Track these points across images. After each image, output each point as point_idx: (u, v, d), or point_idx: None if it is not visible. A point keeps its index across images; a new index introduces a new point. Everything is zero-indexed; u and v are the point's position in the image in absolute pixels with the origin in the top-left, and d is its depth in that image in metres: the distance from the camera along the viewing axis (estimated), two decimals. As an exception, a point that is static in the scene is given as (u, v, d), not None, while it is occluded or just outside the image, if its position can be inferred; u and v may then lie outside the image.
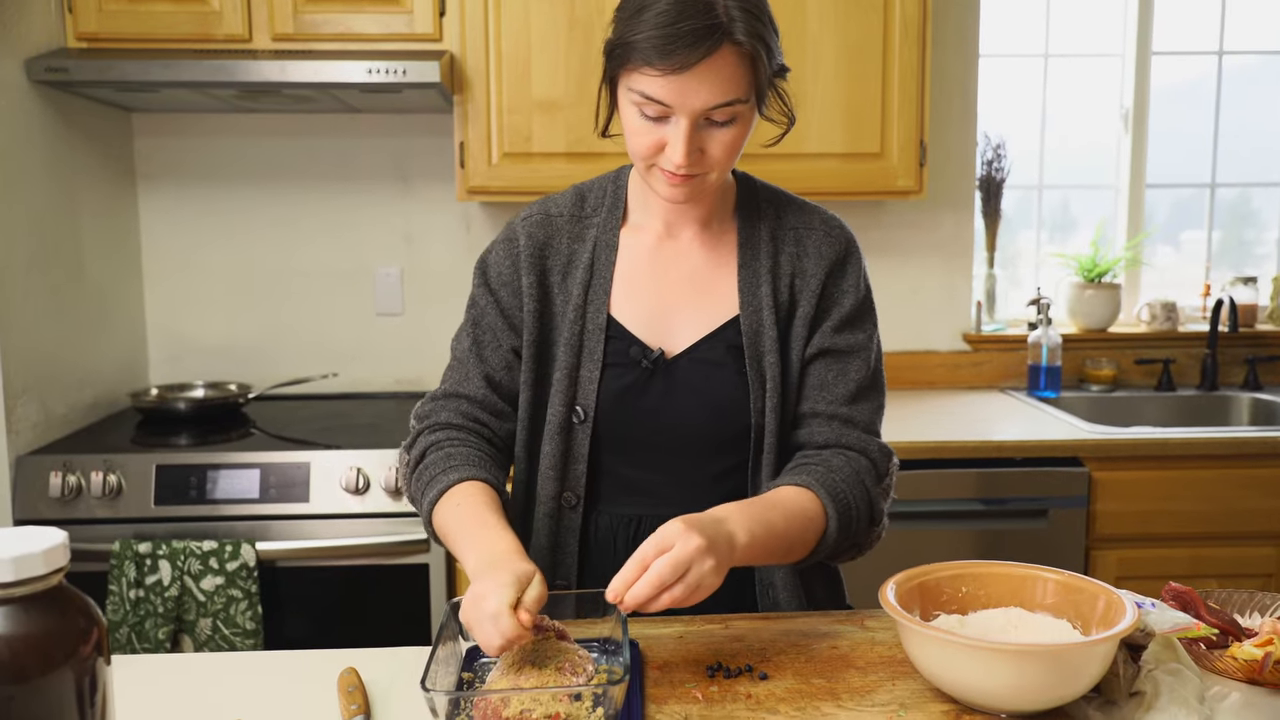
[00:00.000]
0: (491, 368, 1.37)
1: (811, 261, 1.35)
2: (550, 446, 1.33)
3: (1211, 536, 2.48)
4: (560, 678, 1.00)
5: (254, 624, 2.21)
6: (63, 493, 2.24)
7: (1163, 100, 3.24)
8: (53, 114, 2.51)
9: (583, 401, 1.32)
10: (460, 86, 2.57)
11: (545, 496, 1.35)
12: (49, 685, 0.77)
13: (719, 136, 1.21)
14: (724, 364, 1.32)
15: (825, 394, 1.33)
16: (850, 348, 1.35)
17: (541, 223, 1.37)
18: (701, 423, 1.32)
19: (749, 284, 1.34)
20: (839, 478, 1.26)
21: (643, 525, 1.33)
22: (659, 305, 1.34)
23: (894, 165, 2.66)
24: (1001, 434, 2.50)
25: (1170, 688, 1.01)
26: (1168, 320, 3.17)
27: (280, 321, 3.03)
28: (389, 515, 2.31)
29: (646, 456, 1.33)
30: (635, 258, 1.36)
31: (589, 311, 1.33)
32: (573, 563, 1.35)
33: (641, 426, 1.32)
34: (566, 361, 1.32)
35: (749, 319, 1.33)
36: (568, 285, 1.35)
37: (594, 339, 1.32)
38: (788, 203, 1.40)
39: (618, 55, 1.19)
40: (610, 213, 1.37)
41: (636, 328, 1.33)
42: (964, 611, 1.13)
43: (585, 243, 1.36)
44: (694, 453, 1.33)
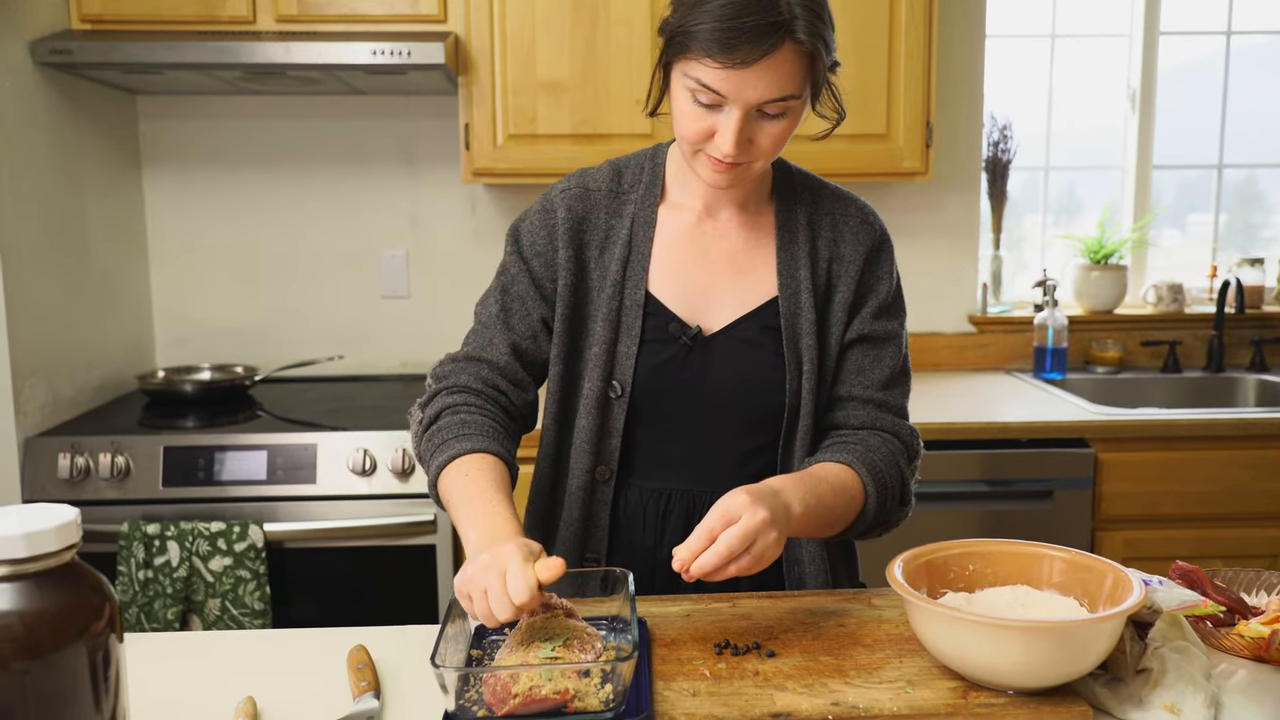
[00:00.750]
0: (518, 335, 1.37)
1: (849, 247, 1.36)
2: (586, 420, 1.34)
3: (1217, 518, 2.49)
4: (569, 654, 1.00)
5: (262, 604, 2.22)
6: (71, 474, 2.25)
7: (1170, 81, 3.22)
8: (58, 96, 2.51)
9: (620, 376, 1.33)
10: (465, 68, 2.56)
11: (579, 470, 1.36)
12: (62, 660, 0.77)
13: (769, 128, 1.21)
14: (761, 344, 1.33)
15: (862, 379, 1.36)
16: (886, 334, 1.38)
17: (580, 196, 1.37)
18: (737, 400, 1.33)
19: (788, 266, 1.35)
20: (877, 456, 1.30)
21: (672, 500, 1.36)
22: (697, 283, 1.35)
23: (900, 147, 2.66)
24: (1007, 415, 2.50)
25: (1177, 665, 1.01)
26: (1174, 302, 3.16)
27: (286, 304, 3.03)
28: (396, 496, 2.32)
29: (680, 432, 1.35)
30: (673, 236, 1.37)
31: (627, 287, 1.34)
32: (604, 536, 1.37)
33: (677, 402, 1.34)
34: (604, 336, 1.33)
35: (787, 301, 1.34)
36: (605, 260, 1.36)
37: (632, 314, 1.33)
38: (823, 188, 1.41)
39: (677, 42, 1.19)
40: (648, 190, 1.38)
41: (674, 304, 1.34)
42: (971, 590, 1.13)
43: (623, 219, 1.37)
44: (728, 430, 1.35)
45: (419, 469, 2.32)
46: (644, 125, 2.60)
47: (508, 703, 0.94)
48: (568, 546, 1.38)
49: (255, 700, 1.04)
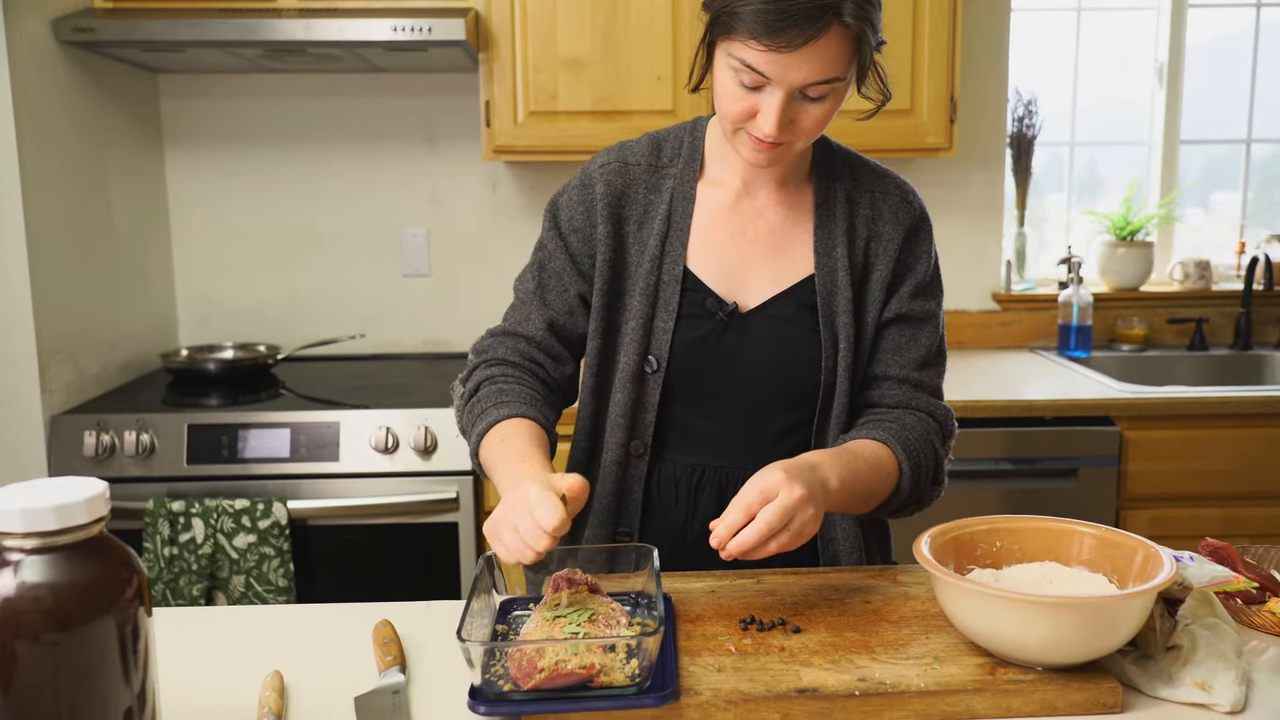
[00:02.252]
0: (555, 311, 1.37)
1: (888, 226, 1.35)
2: (621, 395, 1.34)
3: (1244, 496, 2.46)
4: (594, 629, 1.00)
5: (286, 581, 2.24)
6: (97, 452, 2.27)
7: (1197, 55, 3.17)
8: (80, 75, 2.52)
9: (656, 351, 1.33)
10: (485, 44, 2.55)
11: (613, 444, 1.36)
12: (92, 632, 0.78)
13: (811, 110, 1.20)
14: (797, 321, 1.33)
15: (898, 358, 1.36)
16: (924, 314, 1.37)
17: (619, 170, 1.37)
18: (772, 378, 1.33)
19: (825, 244, 1.34)
20: (912, 435, 1.30)
21: (705, 476, 1.36)
22: (735, 260, 1.35)
23: (924, 122, 2.63)
24: (1031, 393, 2.48)
25: (1208, 642, 1.00)
26: (1201, 279, 3.12)
27: (307, 283, 3.04)
28: (418, 474, 2.32)
29: (715, 408, 1.35)
30: (712, 212, 1.36)
31: (665, 263, 1.34)
32: (636, 510, 1.37)
33: (713, 378, 1.33)
34: (641, 311, 1.33)
35: (824, 279, 1.33)
36: (643, 235, 1.35)
37: (669, 290, 1.33)
38: (863, 165, 1.40)
39: (722, 22, 1.17)
40: (688, 165, 1.37)
41: (712, 281, 1.34)
42: (998, 566, 1.13)
43: (662, 193, 1.37)
44: (762, 407, 1.34)
45: (440, 447, 2.33)
46: (665, 101, 2.59)
47: (533, 677, 0.94)
48: (600, 521, 1.38)
49: (282, 674, 1.05)
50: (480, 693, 0.95)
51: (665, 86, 2.58)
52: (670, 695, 0.95)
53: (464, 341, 3.07)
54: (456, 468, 2.33)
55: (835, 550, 1.37)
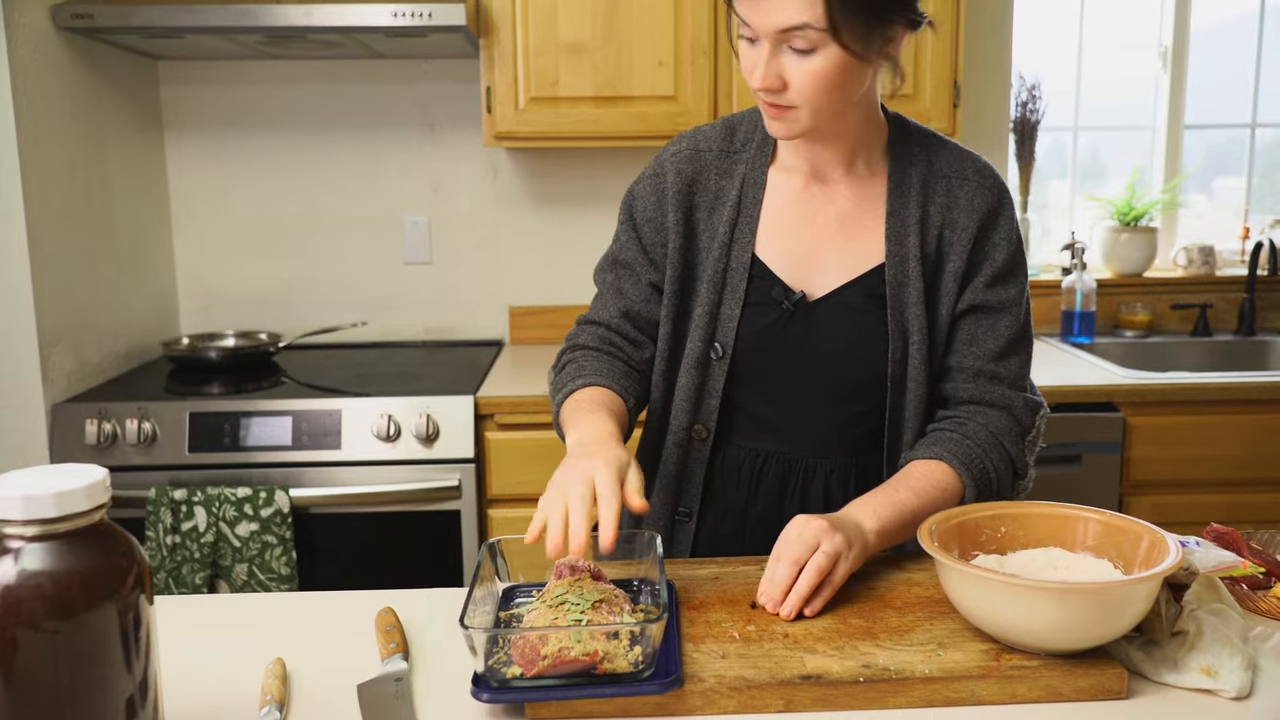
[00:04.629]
0: (630, 300, 1.39)
1: (963, 214, 1.31)
2: (686, 379, 1.35)
3: (1248, 482, 2.46)
4: (598, 616, 1.00)
5: (288, 569, 2.24)
6: (99, 440, 2.26)
7: (1203, 38, 3.16)
8: (80, 62, 2.51)
9: (721, 338, 1.33)
10: (486, 30, 2.54)
11: (677, 427, 1.37)
12: (93, 620, 0.77)
13: (799, 65, 1.18)
14: (865, 311, 1.31)
15: (974, 349, 1.33)
16: (1002, 303, 1.33)
17: (690, 158, 1.37)
18: (837, 367, 1.32)
19: (896, 233, 1.32)
20: (974, 444, 1.29)
21: (769, 462, 1.36)
22: (804, 248, 1.34)
23: (926, 106, 2.62)
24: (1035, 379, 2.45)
25: (1213, 628, 1.00)
26: (1205, 264, 3.11)
27: (309, 270, 3.03)
28: (420, 462, 2.32)
29: (780, 396, 1.34)
30: (782, 198, 1.35)
31: (734, 250, 1.34)
32: (697, 492, 1.38)
33: (778, 366, 1.33)
34: (709, 298, 1.33)
35: (894, 269, 1.31)
36: (714, 222, 1.35)
37: (737, 277, 1.33)
38: (941, 146, 1.35)
39: None
40: (760, 150, 1.37)
41: (780, 268, 1.33)
42: (1003, 552, 1.12)
43: (734, 179, 1.36)
44: (827, 396, 1.34)
45: (442, 435, 2.32)
46: (667, 87, 2.57)
47: (537, 664, 0.94)
48: (662, 500, 1.39)
49: (284, 662, 1.04)
50: (483, 680, 0.95)
51: (667, 71, 2.56)
52: (674, 682, 0.95)
53: (466, 329, 3.06)
54: (458, 455, 2.32)
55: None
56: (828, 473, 1.36)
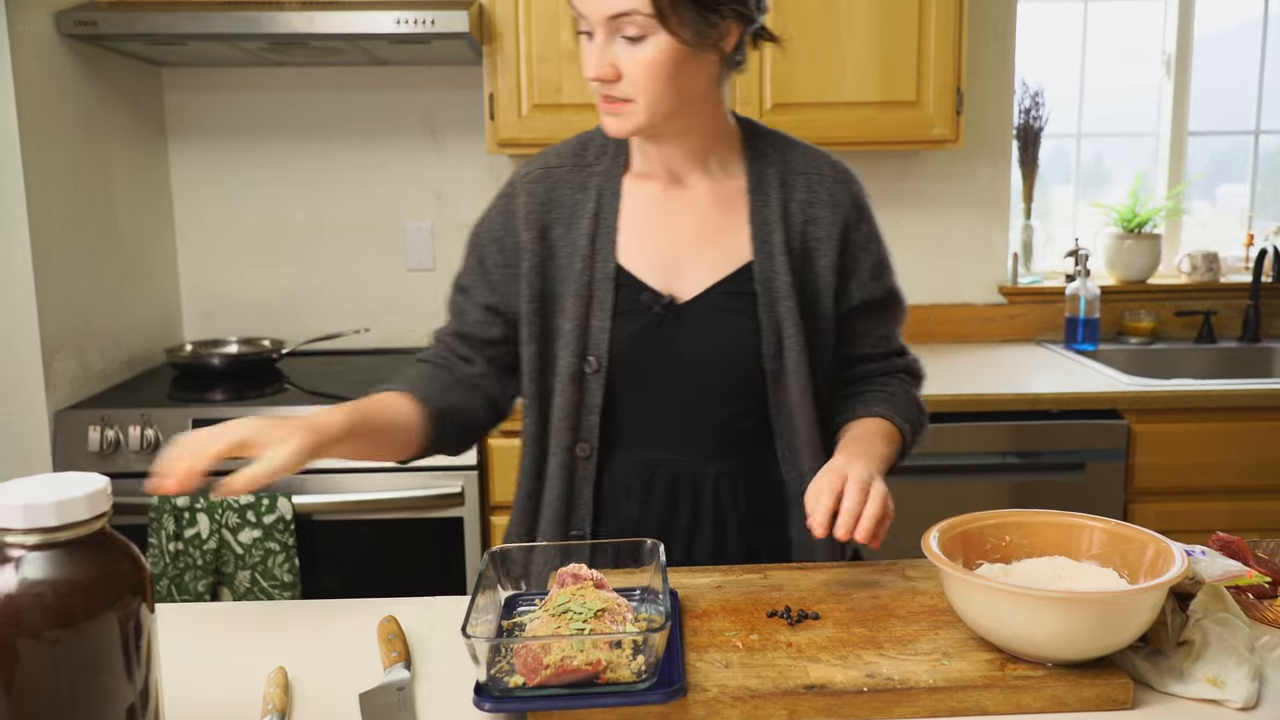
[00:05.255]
0: (465, 322, 1.42)
1: (826, 210, 1.35)
2: (562, 398, 1.34)
3: (1253, 490, 2.45)
4: (600, 625, 0.99)
5: (291, 576, 2.23)
6: (101, 447, 2.26)
7: (1206, 45, 3.15)
8: (83, 69, 2.51)
9: (595, 351, 1.32)
10: (489, 36, 2.54)
11: (558, 447, 1.35)
12: (94, 629, 0.77)
13: (633, 53, 1.20)
14: (736, 309, 1.32)
15: (870, 339, 1.43)
16: (889, 292, 1.42)
17: (541, 178, 1.37)
18: (713, 367, 1.33)
19: (761, 230, 1.34)
20: (900, 401, 1.41)
21: (658, 470, 1.35)
22: (668, 252, 1.34)
23: (930, 114, 2.61)
24: (1038, 387, 2.47)
25: (1219, 637, 0.99)
26: (1209, 271, 3.11)
27: (312, 277, 3.03)
28: (424, 469, 2.31)
29: (661, 402, 1.34)
30: (641, 205, 1.35)
31: (597, 261, 1.33)
32: (587, 512, 1.36)
33: (655, 372, 1.33)
34: (576, 312, 1.32)
35: (762, 265, 1.33)
36: (572, 236, 1.34)
37: (603, 288, 1.32)
38: (793, 146, 1.40)
39: None
40: (614, 160, 1.37)
41: (646, 275, 1.33)
42: (1007, 561, 1.12)
43: (588, 191, 1.36)
44: (707, 397, 1.34)
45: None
46: (670, 94, 2.57)
47: (539, 673, 0.93)
48: (551, 525, 1.37)
49: (286, 670, 1.04)
50: (485, 689, 0.94)
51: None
52: (677, 691, 0.95)
53: (468, 335, 3.05)
54: (462, 463, 2.32)
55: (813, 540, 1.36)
56: (717, 476, 1.35)
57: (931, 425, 1.47)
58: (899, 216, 3.04)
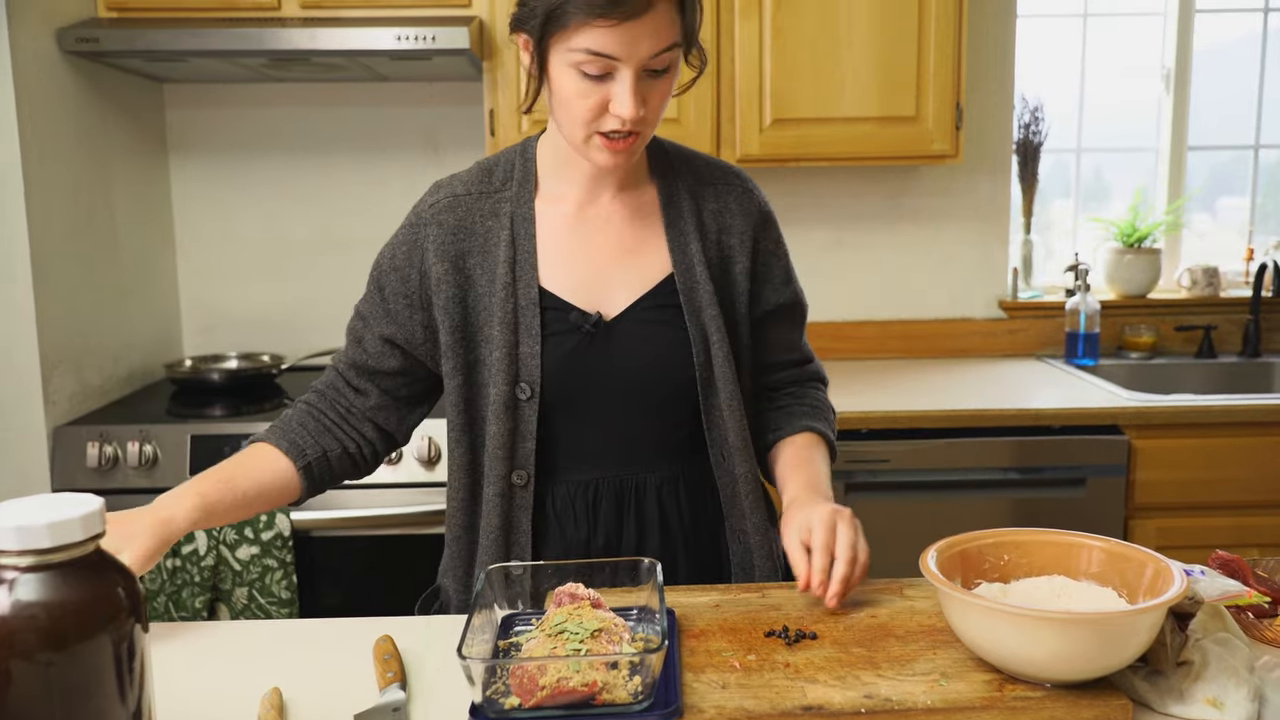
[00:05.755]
0: (361, 352, 1.40)
1: (737, 218, 1.39)
2: (496, 427, 1.31)
3: (1254, 505, 2.44)
4: (597, 646, 0.99)
5: (289, 593, 2.23)
6: (100, 463, 2.26)
7: (1204, 60, 3.16)
8: (85, 85, 2.52)
9: (526, 377, 1.31)
10: (489, 53, 2.55)
11: (494, 478, 1.33)
12: (87, 652, 0.77)
13: (657, 86, 1.22)
14: (663, 321, 1.33)
15: (783, 344, 1.48)
16: (795, 296, 1.46)
17: (450, 205, 1.35)
18: (647, 379, 1.33)
19: (678, 242, 1.35)
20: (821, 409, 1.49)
21: (600, 490, 1.35)
22: (589, 271, 1.34)
23: (930, 129, 2.62)
24: (1039, 402, 2.47)
25: (1219, 657, 0.99)
26: (1209, 286, 3.10)
27: (312, 292, 3.03)
28: (422, 485, 2.31)
29: (597, 421, 1.34)
30: (555, 227, 1.35)
31: (519, 287, 1.31)
32: (526, 541, 1.34)
33: (589, 391, 1.32)
34: (504, 339, 1.30)
35: (683, 276, 1.34)
36: (489, 264, 1.33)
37: (529, 313, 1.31)
38: (697, 159, 1.42)
39: (556, 17, 1.16)
40: (522, 186, 1.35)
41: (570, 296, 1.32)
42: (1006, 580, 1.11)
43: (500, 218, 1.34)
44: (642, 410, 1.34)
45: (444, 458, 2.31)
46: (670, 109, 2.57)
47: (535, 694, 0.93)
48: (490, 556, 1.34)
49: (281, 691, 1.04)
50: (481, 710, 0.94)
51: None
52: (674, 713, 0.94)
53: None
54: (460, 478, 2.32)
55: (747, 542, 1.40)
56: (659, 485, 1.36)
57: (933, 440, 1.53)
58: (899, 231, 3.05)
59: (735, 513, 1.39)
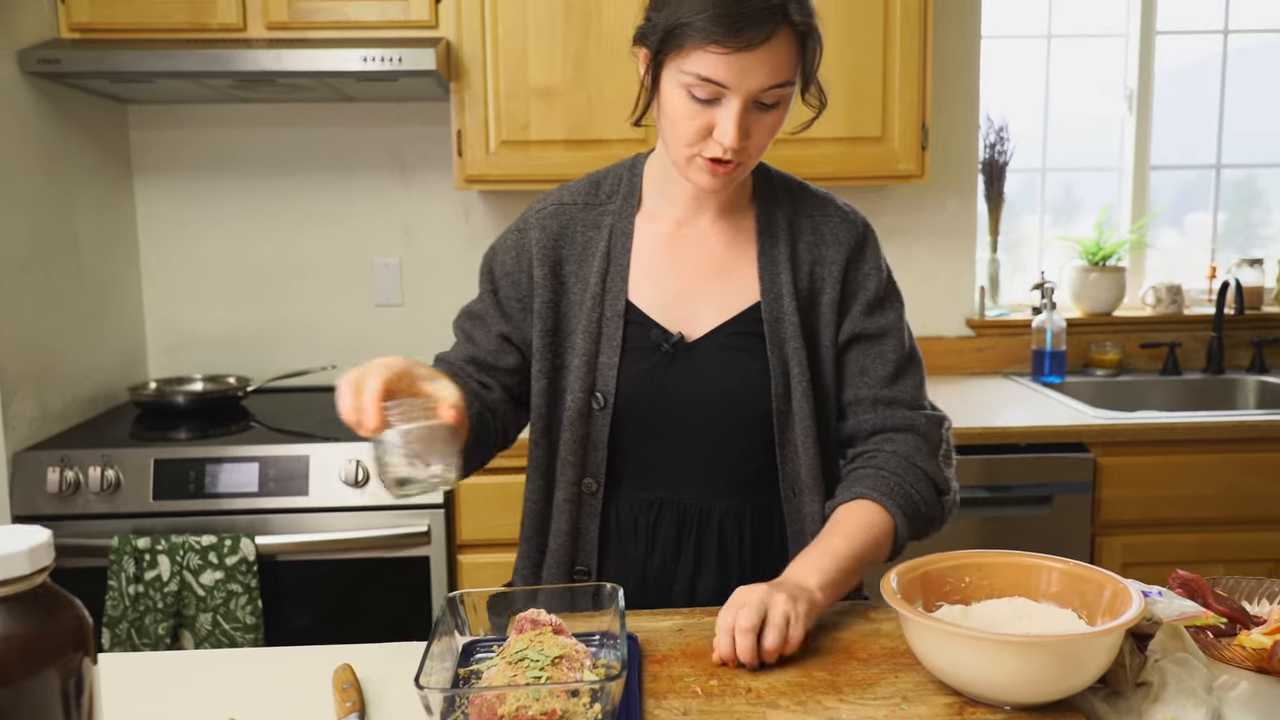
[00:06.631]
0: (478, 348, 1.40)
1: (830, 249, 1.36)
2: (569, 433, 1.34)
3: (1219, 521, 2.46)
4: (557, 673, 0.98)
5: (254, 618, 2.20)
6: (61, 488, 2.23)
7: (1167, 81, 3.20)
8: (47, 107, 2.49)
9: (602, 387, 1.33)
10: (457, 74, 2.55)
11: (565, 483, 1.35)
12: (33, 687, 0.75)
13: (765, 119, 1.22)
14: (744, 349, 1.33)
15: (865, 378, 1.37)
16: (883, 329, 1.38)
17: (555, 213, 1.38)
18: (722, 406, 1.33)
19: (769, 271, 1.35)
20: (889, 473, 1.30)
21: (664, 509, 1.35)
22: (678, 291, 1.35)
23: (895, 149, 2.64)
24: (1006, 420, 2.48)
25: (1177, 678, 0.99)
26: (1173, 303, 3.14)
27: (279, 313, 3.01)
28: (389, 508, 2.29)
29: (667, 440, 1.34)
30: (652, 245, 1.36)
31: (607, 298, 1.34)
32: (593, 549, 1.36)
33: (662, 410, 1.33)
34: (585, 348, 1.33)
35: (770, 305, 1.34)
36: (584, 273, 1.36)
37: (612, 325, 1.33)
38: (802, 190, 1.41)
39: (674, 36, 1.18)
40: (625, 200, 1.38)
41: (656, 313, 1.34)
42: (967, 602, 1.11)
43: (601, 230, 1.37)
44: (715, 436, 1.34)
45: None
46: (638, 130, 2.57)
47: (494, 724, 0.92)
48: (557, 560, 1.37)
49: (238, 722, 1.02)
50: (439, 740, 0.93)
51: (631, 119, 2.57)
52: (634, 741, 0.94)
53: (438, 371, 3.04)
54: (428, 501, 2.30)
55: None
56: (722, 515, 1.35)
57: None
58: (867, 250, 3.06)
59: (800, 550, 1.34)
